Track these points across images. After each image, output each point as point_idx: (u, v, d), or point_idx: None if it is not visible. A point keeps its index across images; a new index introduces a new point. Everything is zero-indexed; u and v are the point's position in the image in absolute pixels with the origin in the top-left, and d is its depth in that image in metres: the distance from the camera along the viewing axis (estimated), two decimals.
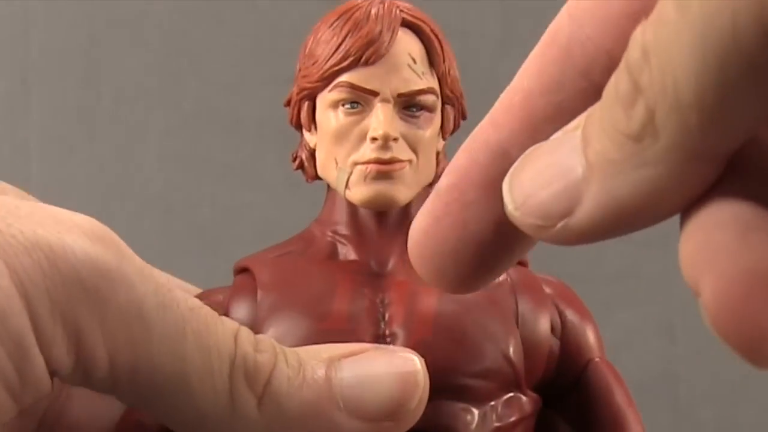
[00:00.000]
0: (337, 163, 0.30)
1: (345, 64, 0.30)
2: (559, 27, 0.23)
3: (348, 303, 0.29)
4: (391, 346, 0.28)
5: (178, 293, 0.25)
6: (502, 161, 0.23)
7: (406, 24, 0.30)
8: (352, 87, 0.30)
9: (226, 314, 0.30)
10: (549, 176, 0.21)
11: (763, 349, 0.18)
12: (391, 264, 0.30)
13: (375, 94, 0.30)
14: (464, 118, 0.32)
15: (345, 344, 0.27)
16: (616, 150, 0.20)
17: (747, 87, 0.18)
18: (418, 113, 0.30)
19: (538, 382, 0.30)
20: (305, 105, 0.31)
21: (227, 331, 0.26)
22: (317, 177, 0.32)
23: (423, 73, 0.30)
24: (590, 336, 0.30)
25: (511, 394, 0.29)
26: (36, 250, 0.24)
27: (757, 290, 0.18)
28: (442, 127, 0.31)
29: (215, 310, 0.29)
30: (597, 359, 0.30)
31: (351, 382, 0.26)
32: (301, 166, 0.32)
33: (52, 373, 0.24)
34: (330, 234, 0.31)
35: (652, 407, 0.71)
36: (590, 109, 0.21)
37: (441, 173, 0.30)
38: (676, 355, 0.71)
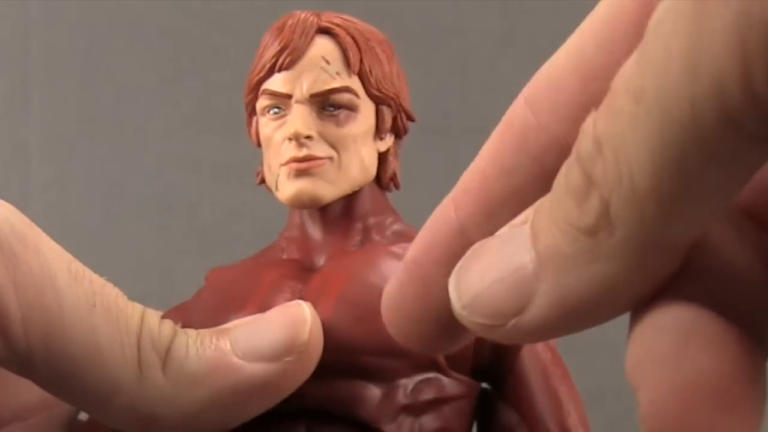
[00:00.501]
0: (270, 168, 0.32)
1: (263, 72, 0.32)
2: (515, 113, 0.23)
3: (266, 294, 0.30)
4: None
5: (91, 275, 0.27)
6: (461, 240, 0.23)
7: (323, 30, 0.32)
8: (271, 93, 0.32)
9: (187, 319, 0.31)
10: (497, 273, 0.21)
11: None
12: (323, 260, 0.31)
13: (289, 96, 0.31)
14: (411, 119, 0.34)
15: (235, 321, 0.29)
16: (569, 244, 0.20)
17: (706, 176, 0.18)
18: (336, 112, 0.31)
19: (474, 365, 0.30)
20: (254, 120, 0.34)
21: (135, 308, 0.28)
22: None
23: (337, 73, 0.31)
24: None
25: (429, 375, 0.29)
26: None
27: (693, 405, 0.18)
28: (378, 127, 0.32)
29: (181, 316, 0.31)
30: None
31: (244, 335, 0.28)
32: (262, 181, 0.34)
33: None
34: (282, 239, 0.33)
35: None
36: (539, 202, 0.21)
37: (391, 173, 0.33)
38: None
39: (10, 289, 0.25)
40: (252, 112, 0.33)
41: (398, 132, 0.33)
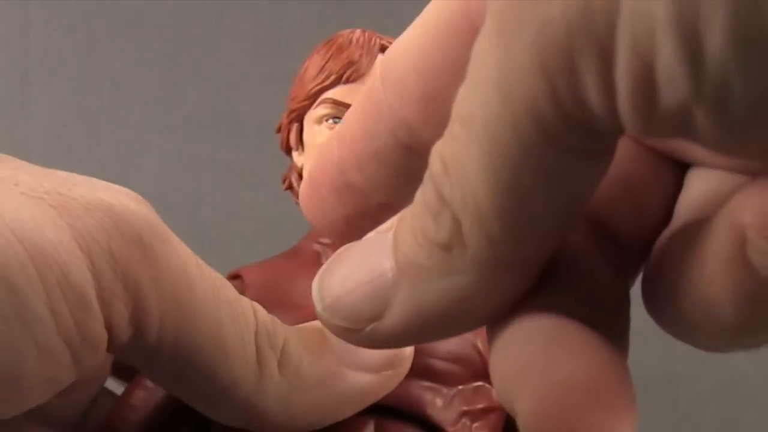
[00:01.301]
0: None
1: (328, 82, 0.33)
2: (373, 86, 0.24)
3: None
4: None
5: (211, 269, 0.28)
6: (342, 176, 0.24)
7: (383, 50, 0.33)
8: (335, 102, 0.33)
9: None
10: (358, 278, 0.22)
11: None
12: None
13: None
14: None
15: None
16: (426, 256, 0.20)
17: (543, 193, 0.18)
18: None
19: None
20: (294, 127, 0.34)
21: (246, 303, 0.28)
22: None
23: None
24: None
25: (480, 383, 0.31)
26: (97, 210, 0.25)
27: (571, 406, 0.18)
28: None
29: None
30: None
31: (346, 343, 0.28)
32: (290, 187, 0.35)
33: (109, 331, 0.24)
34: (315, 244, 0.33)
35: (652, 407, 0.71)
36: (403, 212, 0.21)
37: None
38: (676, 355, 0.71)
39: (151, 289, 0.25)
40: (295, 118, 0.34)
41: None
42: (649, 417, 0.72)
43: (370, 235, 0.22)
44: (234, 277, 0.33)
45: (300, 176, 0.34)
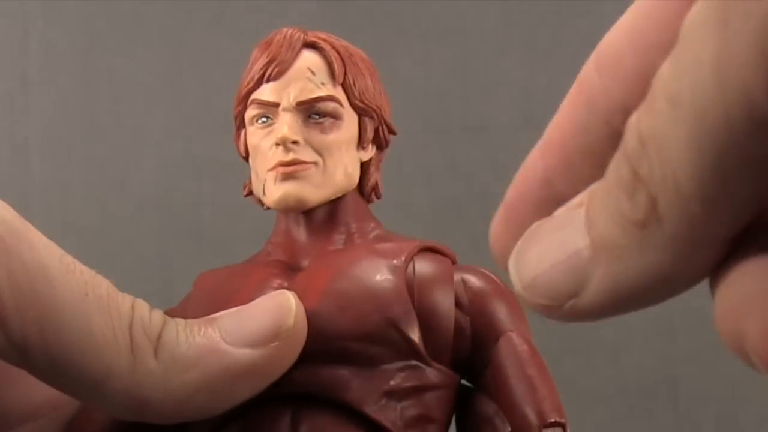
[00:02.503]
0: (258, 175, 0.33)
1: (252, 83, 0.33)
2: (586, 75, 0.25)
3: (253, 291, 0.31)
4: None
5: (81, 267, 0.28)
6: (548, 188, 0.24)
7: (309, 45, 0.34)
8: (260, 102, 0.33)
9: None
10: (555, 257, 0.23)
11: None
12: (308, 261, 0.32)
13: (277, 105, 0.33)
14: (391, 132, 0.35)
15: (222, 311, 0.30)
16: (621, 235, 0.21)
17: (746, 177, 0.19)
18: (321, 119, 0.33)
19: (454, 358, 0.31)
20: (242, 133, 0.35)
21: (125, 298, 0.29)
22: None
23: (322, 84, 0.33)
24: (501, 311, 0.31)
25: (410, 363, 0.30)
26: None
27: None
28: (360, 137, 0.34)
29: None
30: (509, 332, 0.31)
31: (231, 322, 0.30)
32: (250, 193, 0.35)
33: None
34: (269, 244, 0.34)
35: (652, 407, 0.71)
36: (593, 187, 0.22)
37: (373, 184, 0.34)
38: (676, 355, 0.71)
39: (3, 280, 0.26)
40: (241, 124, 0.34)
41: (380, 144, 0.34)
42: (649, 417, 0.72)
43: (560, 211, 0.23)
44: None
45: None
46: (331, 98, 0.33)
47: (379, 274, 0.30)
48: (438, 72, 0.71)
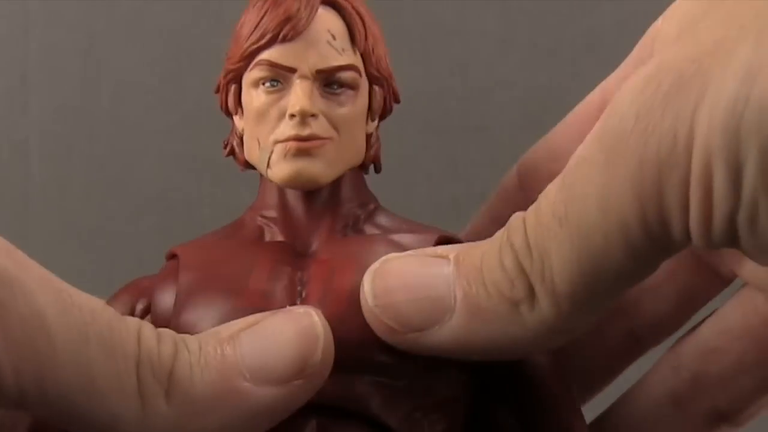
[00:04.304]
0: (259, 144, 0.30)
1: (263, 41, 0.30)
2: (509, 180, 0.34)
3: (265, 281, 0.28)
4: (288, 307, 0.27)
5: (79, 297, 0.25)
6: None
7: (327, 2, 0.30)
8: (271, 64, 0.29)
9: (151, 299, 0.30)
10: (417, 292, 0.26)
11: None
12: (315, 244, 0.30)
13: (293, 70, 0.29)
14: (397, 101, 0.32)
15: (243, 318, 0.27)
16: (494, 303, 0.25)
17: (614, 286, 0.24)
18: (338, 90, 0.30)
19: (472, 367, 0.29)
20: (232, 88, 0.31)
21: (130, 329, 0.26)
22: (249, 165, 0.32)
23: (343, 50, 0.30)
24: None
25: (437, 374, 0.28)
26: None
27: None
28: (370, 107, 0.31)
29: (141, 295, 0.30)
30: None
31: (252, 351, 0.26)
32: (232, 153, 0.32)
33: None
34: (259, 218, 0.31)
35: None
36: (464, 251, 0.26)
37: (375, 155, 0.32)
38: None
39: None
40: (232, 79, 0.31)
41: (384, 113, 0.32)
42: None
43: (425, 252, 0.27)
44: (171, 256, 0.31)
45: (241, 141, 0.31)
46: (351, 67, 0.30)
47: None
48: (438, 72, 0.71)
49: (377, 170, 0.32)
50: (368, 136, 0.31)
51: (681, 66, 0.22)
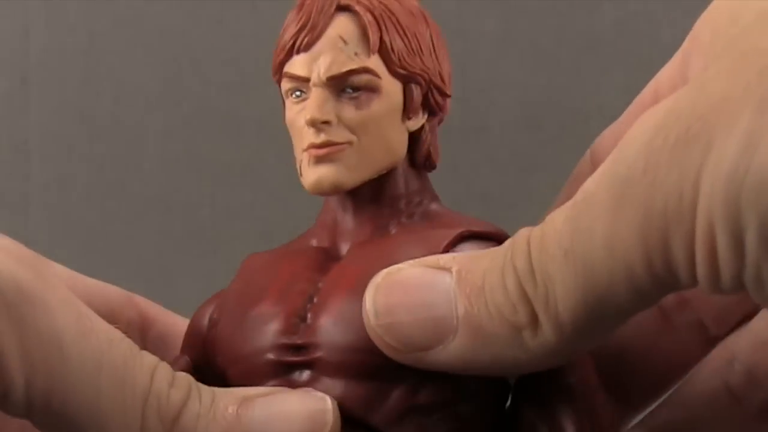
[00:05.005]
0: (296, 154, 0.31)
1: (283, 54, 0.31)
2: (583, 165, 0.33)
3: (283, 286, 0.29)
4: (308, 388, 0.27)
5: (100, 324, 0.26)
6: None
7: (343, 7, 0.30)
8: (290, 76, 0.30)
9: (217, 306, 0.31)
10: (419, 313, 0.26)
11: None
12: (347, 248, 0.30)
13: (308, 80, 0.30)
14: (444, 95, 0.32)
15: (262, 387, 0.27)
16: (496, 326, 0.25)
17: (613, 320, 0.24)
18: (356, 94, 0.30)
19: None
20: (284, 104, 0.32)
21: (144, 366, 0.26)
22: None
23: (356, 54, 0.30)
24: None
25: (434, 374, 0.27)
26: None
27: None
28: (406, 106, 0.31)
29: (214, 302, 0.31)
30: None
31: (261, 419, 0.26)
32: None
33: None
34: (317, 223, 0.32)
35: None
36: (467, 266, 0.26)
37: (426, 152, 0.31)
38: None
39: (15, 355, 0.24)
40: (282, 93, 0.32)
41: (432, 109, 0.32)
42: None
43: (427, 262, 0.27)
44: None
45: None
46: (365, 70, 0.30)
47: None
48: None
49: (428, 168, 0.32)
50: (415, 133, 0.31)
51: (689, 121, 0.22)
